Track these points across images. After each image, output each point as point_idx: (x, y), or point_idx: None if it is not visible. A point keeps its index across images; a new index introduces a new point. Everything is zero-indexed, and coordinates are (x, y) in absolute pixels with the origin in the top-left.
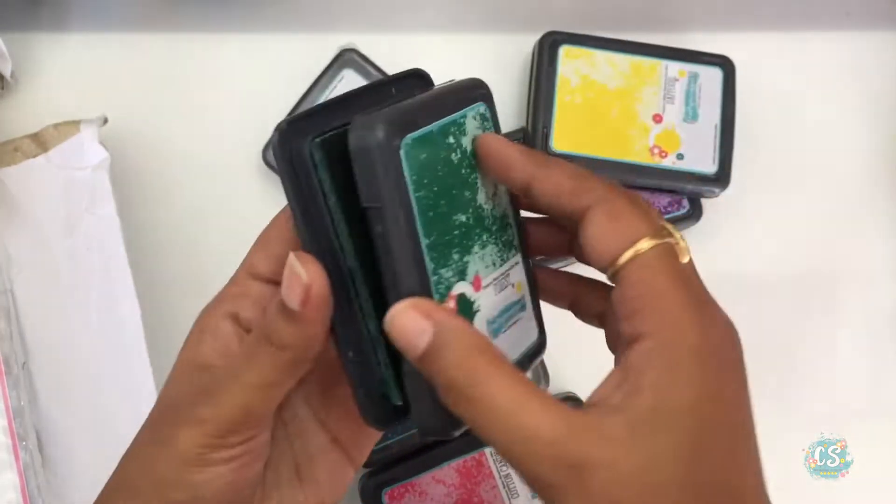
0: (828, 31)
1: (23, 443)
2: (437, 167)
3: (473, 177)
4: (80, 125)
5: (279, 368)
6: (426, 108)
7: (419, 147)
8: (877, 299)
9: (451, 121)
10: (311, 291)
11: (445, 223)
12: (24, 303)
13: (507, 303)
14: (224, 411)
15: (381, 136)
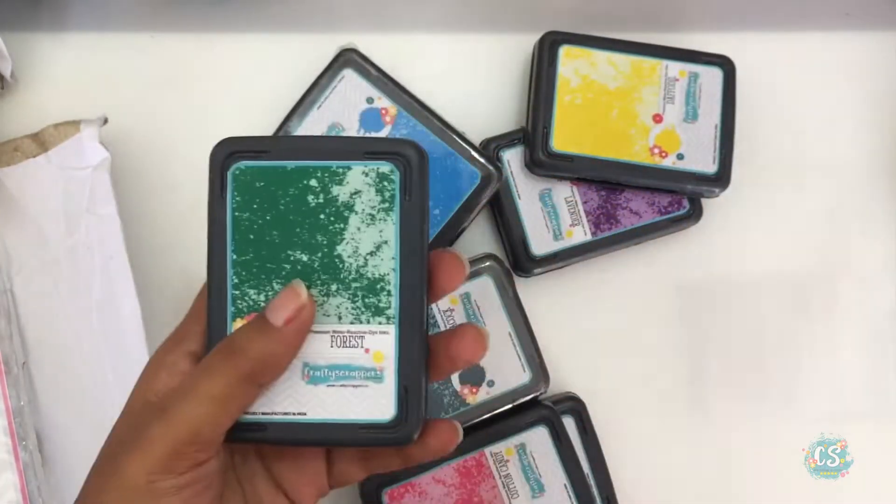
0: (827, 31)
1: (23, 443)
2: (278, 199)
3: (339, 227)
4: (80, 125)
5: (235, 379)
6: (301, 147)
7: (257, 176)
8: (877, 299)
9: (321, 166)
10: (303, 313)
11: (271, 251)
12: (24, 303)
13: (346, 362)
14: (173, 430)
15: (218, 155)
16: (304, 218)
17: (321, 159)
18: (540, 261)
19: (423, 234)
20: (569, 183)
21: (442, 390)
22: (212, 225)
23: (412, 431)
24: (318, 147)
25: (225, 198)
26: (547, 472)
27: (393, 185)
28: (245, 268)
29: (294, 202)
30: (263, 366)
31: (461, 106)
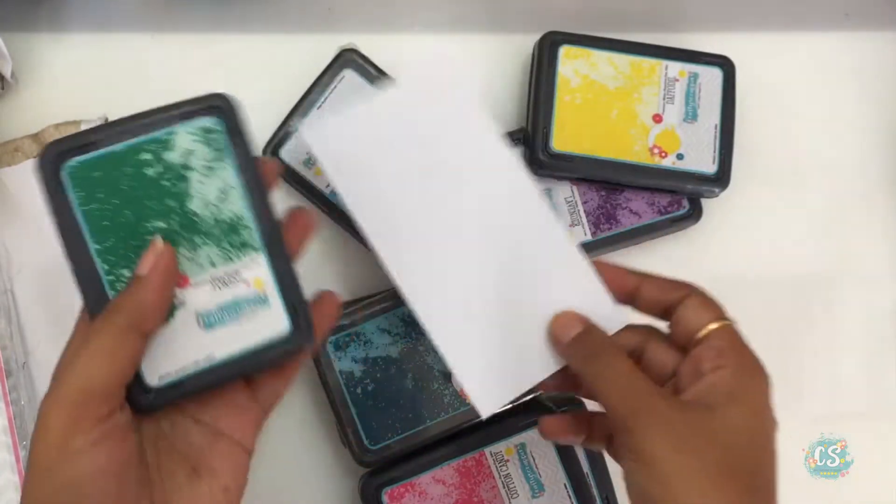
0: (827, 31)
1: (23, 442)
2: (119, 182)
3: (181, 186)
4: (80, 125)
5: (118, 330)
6: (117, 130)
7: (91, 167)
8: (877, 299)
9: (148, 139)
10: (162, 259)
11: (129, 230)
12: (24, 303)
13: (232, 298)
14: (67, 388)
15: (46, 161)
16: (148, 189)
17: (145, 134)
18: None
19: (257, 167)
20: (569, 183)
21: (442, 390)
22: (61, 227)
23: (310, 334)
24: (138, 124)
25: (67, 197)
26: (547, 472)
27: (220, 135)
28: (111, 253)
29: (134, 179)
30: (140, 313)
31: None
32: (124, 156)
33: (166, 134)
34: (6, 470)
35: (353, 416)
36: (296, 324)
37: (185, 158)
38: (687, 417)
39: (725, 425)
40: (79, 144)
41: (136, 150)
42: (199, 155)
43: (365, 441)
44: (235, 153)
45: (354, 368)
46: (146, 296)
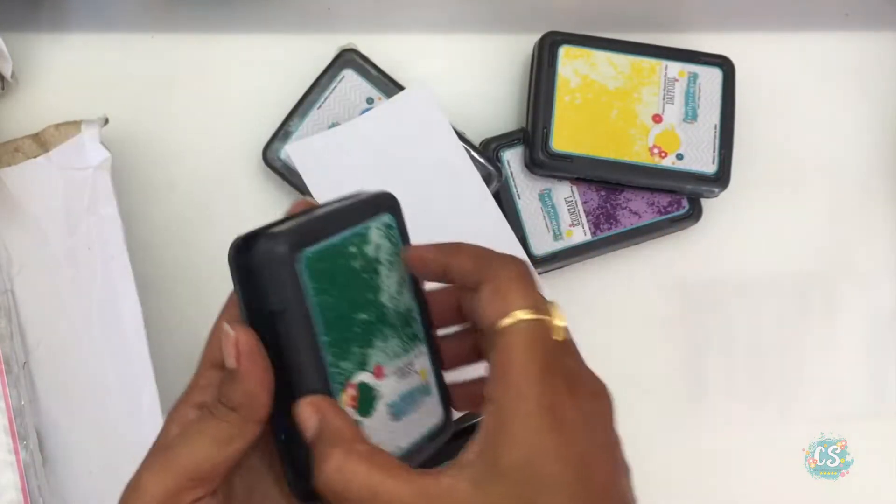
0: (827, 31)
1: (23, 442)
2: (337, 274)
3: (376, 280)
4: (81, 125)
5: (229, 426)
6: (329, 222)
7: (319, 259)
8: (877, 299)
9: (354, 233)
10: (240, 345)
11: (346, 322)
12: (24, 302)
13: (410, 388)
14: (175, 466)
15: (283, 252)
16: (356, 283)
17: (351, 227)
18: (539, 261)
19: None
20: (569, 183)
21: None
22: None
23: (451, 422)
24: (342, 216)
25: (301, 288)
26: None
27: (393, 231)
28: (335, 346)
29: (346, 272)
30: (248, 409)
31: (461, 106)
32: (340, 248)
33: (364, 228)
34: (6, 470)
35: None
36: (446, 413)
37: (376, 252)
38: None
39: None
40: (307, 237)
41: (347, 243)
42: (384, 249)
43: None
44: (403, 248)
45: None
46: (246, 386)
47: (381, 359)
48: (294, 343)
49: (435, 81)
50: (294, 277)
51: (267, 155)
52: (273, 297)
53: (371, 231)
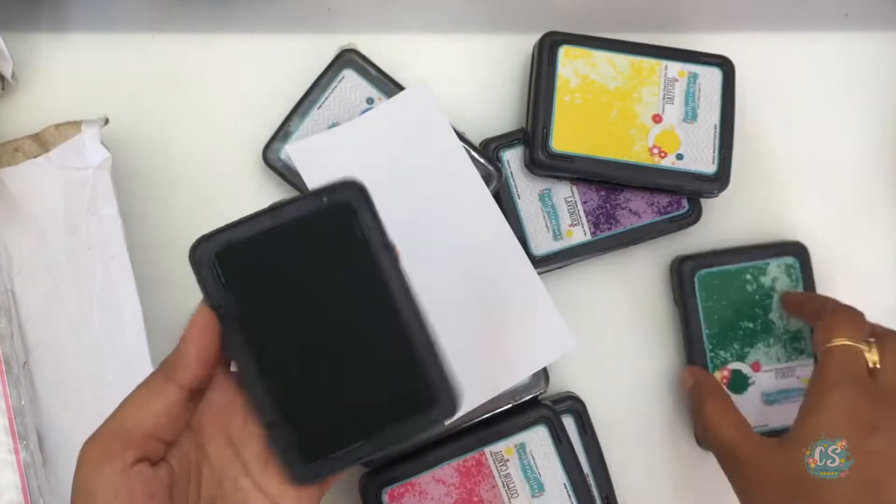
0: (827, 31)
1: (23, 442)
2: (728, 290)
3: (767, 302)
4: (81, 125)
5: (148, 386)
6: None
7: (713, 277)
8: (877, 299)
9: (750, 266)
10: (195, 320)
11: (730, 324)
12: (24, 302)
13: (787, 387)
14: (105, 426)
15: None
16: (745, 299)
17: (749, 262)
18: (539, 261)
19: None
20: (568, 183)
21: None
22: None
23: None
24: (750, 254)
25: (696, 295)
26: (547, 472)
27: (796, 271)
28: (714, 338)
29: (738, 291)
30: (176, 365)
31: (461, 106)
32: (735, 274)
33: (763, 264)
34: (6, 470)
35: None
36: None
37: (772, 283)
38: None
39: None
40: (708, 261)
41: (743, 272)
42: (781, 282)
43: None
44: (805, 286)
45: None
46: (183, 347)
47: (759, 357)
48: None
49: (435, 81)
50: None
51: (267, 155)
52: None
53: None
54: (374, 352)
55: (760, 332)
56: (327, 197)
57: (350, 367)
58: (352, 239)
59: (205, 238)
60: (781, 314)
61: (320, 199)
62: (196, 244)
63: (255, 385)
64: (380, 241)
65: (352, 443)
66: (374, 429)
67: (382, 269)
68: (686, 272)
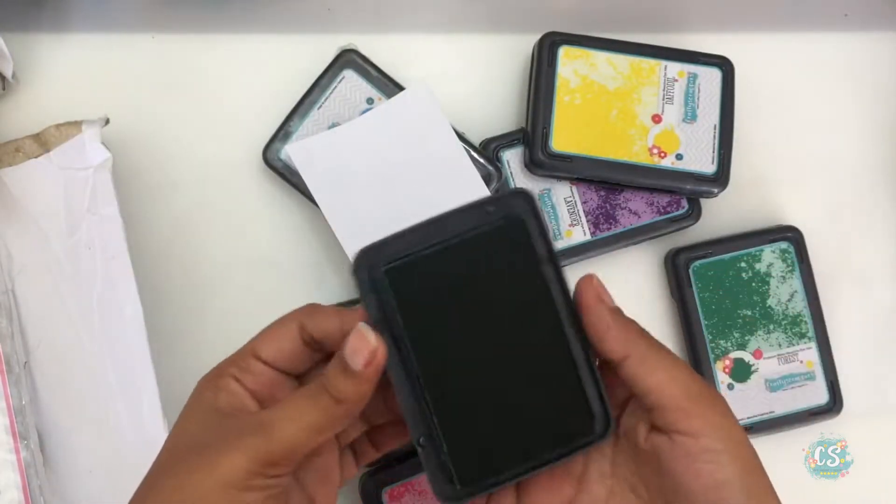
0: (826, 31)
1: (24, 442)
2: (723, 280)
3: (764, 289)
4: (81, 125)
5: (331, 417)
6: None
7: (708, 268)
8: (877, 299)
9: (744, 253)
10: (377, 356)
11: (728, 313)
12: (25, 302)
13: (790, 373)
14: (275, 444)
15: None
16: (741, 288)
17: (743, 249)
18: None
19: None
20: (568, 183)
21: None
22: (685, 308)
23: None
24: (743, 242)
25: (692, 286)
26: None
27: (791, 256)
28: (713, 328)
29: (733, 280)
30: (354, 405)
31: (461, 106)
32: (729, 263)
33: (757, 251)
34: (7, 469)
35: None
36: (833, 395)
37: (768, 269)
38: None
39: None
40: (702, 252)
41: (737, 260)
42: (777, 267)
43: None
44: (801, 269)
45: None
46: (361, 388)
47: (760, 344)
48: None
49: (435, 81)
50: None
51: (267, 155)
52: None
53: (764, 254)
54: (540, 372)
55: (759, 319)
56: (494, 207)
57: (514, 388)
58: (521, 254)
59: (370, 250)
60: (779, 300)
61: (487, 209)
62: (361, 256)
63: (411, 400)
64: (547, 255)
65: (508, 465)
66: (533, 451)
67: (550, 286)
68: (680, 264)
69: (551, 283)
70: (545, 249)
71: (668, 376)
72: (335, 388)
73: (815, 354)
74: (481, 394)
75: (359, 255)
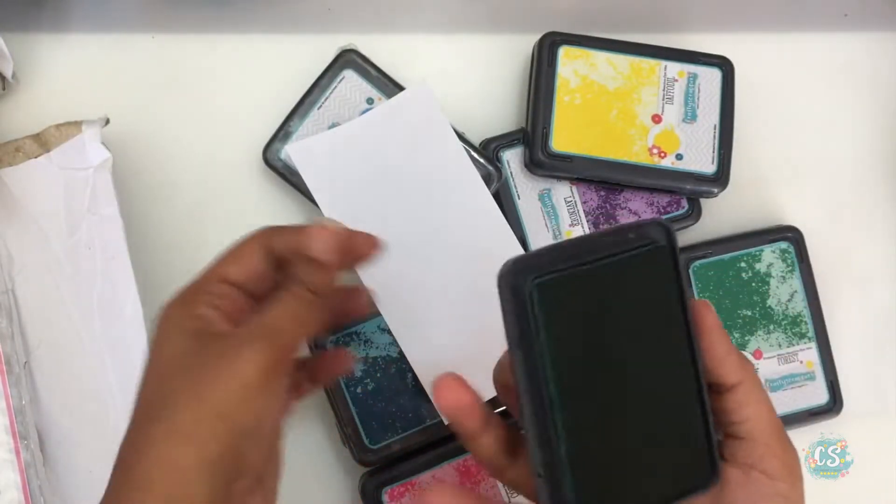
0: (826, 31)
1: (24, 441)
2: (724, 280)
3: (764, 289)
4: (82, 125)
5: (315, 310)
6: (733, 244)
7: (710, 269)
8: (877, 299)
9: (743, 253)
10: (340, 238)
11: (728, 314)
12: (25, 302)
13: (790, 373)
14: (283, 341)
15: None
16: (741, 288)
17: (742, 249)
18: None
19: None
20: (568, 183)
21: None
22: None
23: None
24: (743, 242)
25: (690, 287)
26: None
27: (791, 256)
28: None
29: (733, 280)
30: (327, 297)
31: (461, 106)
32: (729, 263)
33: (757, 251)
34: (7, 469)
35: (354, 415)
36: (833, 395)
37: (768, 269)
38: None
39: None
40: (701, 252)
41: (737, 260)
42: (777, 267)
43: (365, 440)
44: (800, 269)
45: (354, 368)
46: (331, 276)
47: (760, 345)
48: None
49: (435, 81)
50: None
51: (267, 155)
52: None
53: (764, 254)
54: (669, 412)
55: (759, 319)
56: (635, 234)
57: (643, 425)
58: (661, 282)
59: (520, 262)
60: (779, 300)
61: (629, 235)
62: (510, 266)
63: (537, 425)
64: (682, 289)
65: (638, 495)
66: (651, 492)
67: (684, 316)
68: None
69: (684, 313)
70: (679, 280)
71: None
72: (311, 283)
73: (815, 354)
74: (610, 427)
75: (507, 265)
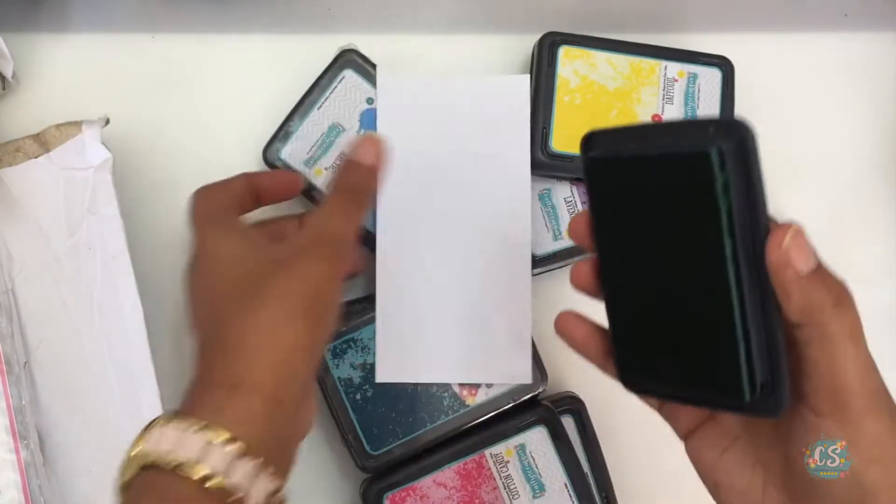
0: (826, 32)
1: (24, 441)
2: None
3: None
4: (82, 126)
5: (363, 207)
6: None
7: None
8: (877, 299)
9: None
10: (380, 148)
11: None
12: (25, 302)
13: None
14: (344, 238)
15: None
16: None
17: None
18: (539, 261)
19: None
20: (568, 183)
21: (441, 393)
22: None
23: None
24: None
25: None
26: (547, 472)
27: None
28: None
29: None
30: (370, 195)
31: None
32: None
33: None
34: (7, 469)
35: (354, 422)
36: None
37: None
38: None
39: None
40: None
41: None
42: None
43: (366, 447)
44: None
45: (353, 375)
46: (374, 180)
47: None
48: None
49: None
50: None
51: (267, 155)
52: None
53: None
54: (706, 314)
55: None
56: (715, 129)
57: (685, 316)
58: (739, 177)
59: (597, 133)
60: None
61: (708, 129)
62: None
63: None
64: (751, 191)
65: (669, 381)
66: (692, 383)
67: (751, 219)
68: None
69: (751, 215)
70: (751, 183)
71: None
72: (356, 182)
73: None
74: (655, 306)
75: (588, 135)
